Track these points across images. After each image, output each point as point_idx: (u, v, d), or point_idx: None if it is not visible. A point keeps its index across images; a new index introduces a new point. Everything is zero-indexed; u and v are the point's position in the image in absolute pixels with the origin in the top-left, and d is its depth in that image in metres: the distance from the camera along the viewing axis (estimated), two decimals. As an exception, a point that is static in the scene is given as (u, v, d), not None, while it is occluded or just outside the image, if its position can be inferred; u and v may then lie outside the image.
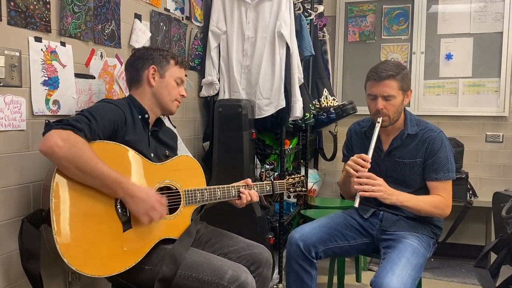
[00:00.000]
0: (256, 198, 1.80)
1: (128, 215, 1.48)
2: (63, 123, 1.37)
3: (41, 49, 1.59)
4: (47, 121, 1.39)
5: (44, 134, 1.36)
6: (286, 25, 2.59)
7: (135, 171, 1.52)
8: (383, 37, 3.85)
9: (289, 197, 2.81)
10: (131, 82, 1.74)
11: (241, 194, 1.77)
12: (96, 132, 1.44)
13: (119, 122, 1.54)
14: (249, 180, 1.81)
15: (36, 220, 1.41)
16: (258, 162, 2.81)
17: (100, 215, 1.43)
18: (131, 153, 1.52)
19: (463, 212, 3.16)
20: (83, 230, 1.38)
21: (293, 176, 2.02)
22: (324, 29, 3.66)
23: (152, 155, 1.64)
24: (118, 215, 1.46)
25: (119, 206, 1.46)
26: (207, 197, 1.69)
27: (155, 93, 1.71)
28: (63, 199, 1.36)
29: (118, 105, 1.58)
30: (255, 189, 1.82)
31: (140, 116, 1.66)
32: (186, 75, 1.82)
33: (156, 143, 1.73)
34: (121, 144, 1.51)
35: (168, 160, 1.65)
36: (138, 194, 1.44)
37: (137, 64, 1.71)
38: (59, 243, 1.33)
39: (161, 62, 1.71)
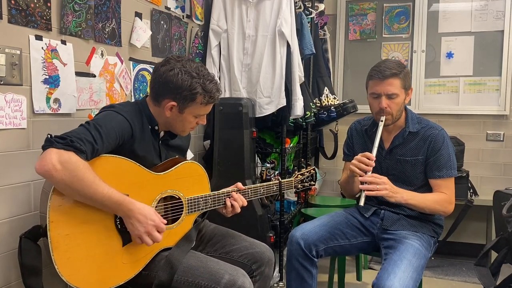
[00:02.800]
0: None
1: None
2: (65, 142, 1.29)
3: (42, 48, 1.59)
4: (49, 136, 1.31)
5: (44, 148, 1.29)
6: (286, 24, 2.59)
7: (136, 184, 1.47)
8: (384, 35, 3.84)
9: (296, 192, 2.79)
10: (150, 93, 1.61)
11: (232, 201, 1.69)
12: (99, 152, 1.38)
13: (125, 136, 1.48)
14: (239, 184, 1.75)
15: (34, 236, 1.38)
16: (259, 160, 2.81)
17: (99, 232, 1.41)
18: (133, 166, 1.47)
19: (464, 211, 3.16)
20: (81, 248, 1.37)
21: (302, 171, 1.98)
22: (325, 27, 3.66)
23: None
24: (118, 230, 1.44)
25: (118, 222, 1.44)
26: (211, 204, 1.66)
27: (168, 121, 1.61)
28: (60, 220, 1.33)
29: (126, 116, 1.49)
30: (262, 190, 1.80)
31: (150, 127, 1.60)
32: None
33: (167, 150, 1.69)
34: (122, 157, 1.45)
35: (171, 169, 1.58)
36: (136, 216, 1.40)
37: (161, 89, 1.55)
38: (57, 263, 1.32)
39: (185, 100, 1.54)
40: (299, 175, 1.97)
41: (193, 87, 1.53)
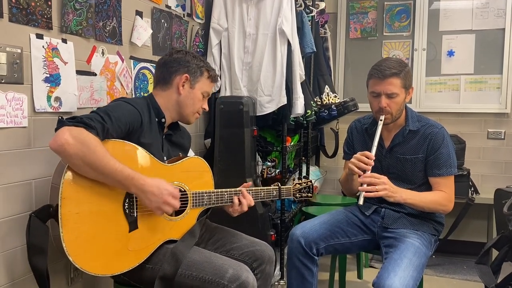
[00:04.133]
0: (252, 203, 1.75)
1: (135, 215, 1.48)
2: (76, 120, 1.37)
3: (43, 46, 1.59)
4: (60, 117, 1.38)
5: (56, 130, 1.35)
6: (287, 22, 2.59)
7: (146, 171, 1.49)
8: (384, 33, 3.84)
9: (294, 201, 2.81)
10: (159, 81, 1.72)
11: (241, 199, 1.71)
12: (110, 132, 1.42)
13: (135, 124, 1.53)
14: (249, 184, 1.78)
15: (44, 215, 1.41)
16: (260, 159, 2.81)
17: (107, 215, 1.43)
18: (142, 153, 1.51)
19: (465, 209, 3.17)
20: (89, 229, 1.39)
21: (300, 182, 1.99)
22: (326, 26, 3.66)
23: (165, 158, 1.65)
24: (125, 215, 1.46)
25: (126, 206, 1.47)
26: (214, 201, 1.68)
27: (179, 101, 1.70)
28: (72, 198, 1.36)
29: (136, 106, 1.56)
30: (262, 194, 1.81)
31: (157, 119, 1.65)
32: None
33: (169, 146, 1.73)
34: (132, 144, 1.50)
35: (178, 162, 1.63)
36: (150, 189, 1.43)
37: (172, 67, 1.69)
38: (65, 241, 1.33)
39: (195, 72, 1.70)
40: (297, 184, 1.97)
41: (199, 63, 1.73)
